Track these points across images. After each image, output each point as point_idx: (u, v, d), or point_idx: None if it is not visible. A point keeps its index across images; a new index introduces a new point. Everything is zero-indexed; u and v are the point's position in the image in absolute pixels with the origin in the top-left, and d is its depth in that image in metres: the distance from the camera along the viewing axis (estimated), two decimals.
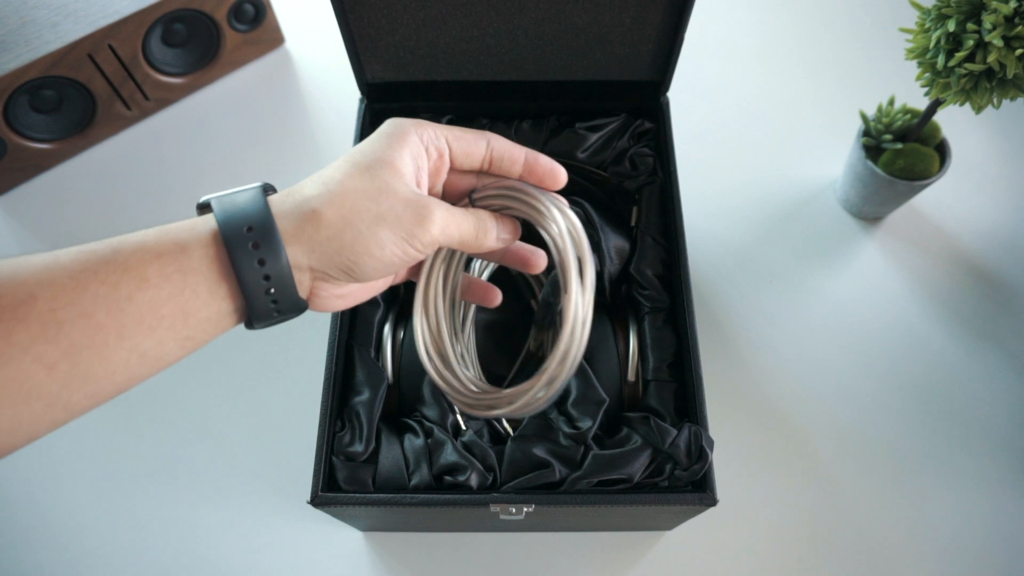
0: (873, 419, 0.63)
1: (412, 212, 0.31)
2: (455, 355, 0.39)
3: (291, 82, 0.84)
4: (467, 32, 0.56)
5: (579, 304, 0.34)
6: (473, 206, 0.37)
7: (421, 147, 0.33)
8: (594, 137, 0.61)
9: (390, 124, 0.33)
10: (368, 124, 0.61)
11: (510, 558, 0.57)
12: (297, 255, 0.29)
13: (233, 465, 0.61)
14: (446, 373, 0.39)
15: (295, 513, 0.58)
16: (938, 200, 0.74)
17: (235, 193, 0.30)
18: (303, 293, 0.31)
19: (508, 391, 0.36)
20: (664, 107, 0.61)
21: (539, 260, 0.41)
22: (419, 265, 0.39)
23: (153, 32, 0.73)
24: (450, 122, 0.62)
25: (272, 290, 0.29)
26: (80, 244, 0.29)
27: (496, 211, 0.37)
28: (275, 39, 0.85)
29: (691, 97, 0.78)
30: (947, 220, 0.73)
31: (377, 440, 0.48)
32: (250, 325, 0.31)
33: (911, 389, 0.64)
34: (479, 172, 0.37)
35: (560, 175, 0.37)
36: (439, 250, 0.39)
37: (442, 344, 0.39)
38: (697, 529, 0.57)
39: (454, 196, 0.38)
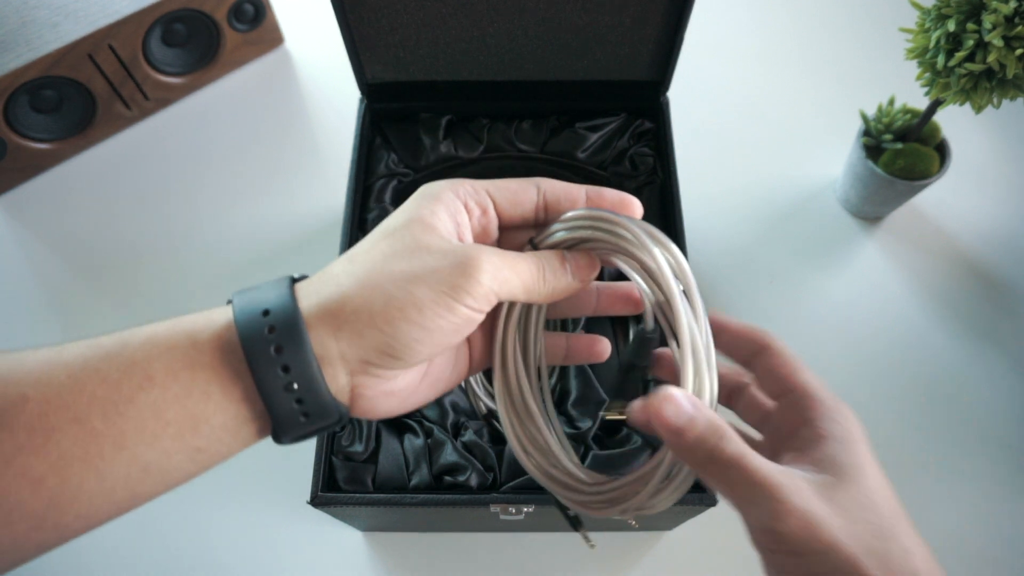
0: (872, 419, 0.62)
1: (453, 262, 0.25)
2: (555, 440, 0.32)
3: (291, 82, 0.84)
4: (467, 32, 0.56)
5: (701, 352, 0.27)
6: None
7: (459, 203, 0.28)
8: (594, 137, 0.61)
9: (423, 188, 0.29)
10: (368, 124, 0.61)
11: (510, 558, 0.57)
12: (324, 341, 0.25)
13: (233, 465, 0.60)
14: (552, 470, 0.31)
15: (295, 513, 0.58)
16: (938, 200, 0.74)
17: (259, 285, 0.26)
18: (340, 393, 0.26)
19: (627, 479, 0.29)
20: (664, 107, 0.61)
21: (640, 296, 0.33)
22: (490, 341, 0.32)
23: (153, 32, 0.73)
24: (450, 122, 0.62)
25: (295, 385, 0.24)
26: (80, 244, 0.26)
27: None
28: (275, 39, 0.85)
29: (691, 97, 0.78)
30: (947, 220, 0.73)
31: (377, 440, 0.49)
32: (277, 439, 0.26)
33: (911, 389, 0.64)
34: (536, 225, 0.31)
35: (635, 206, 0.30)
36: (507, 310, 0.31)
37: (536, 431, 0.31)
38: (697, 529, 0.57)
39: None
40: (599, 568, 0.57)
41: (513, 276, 0.27)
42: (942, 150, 0.66)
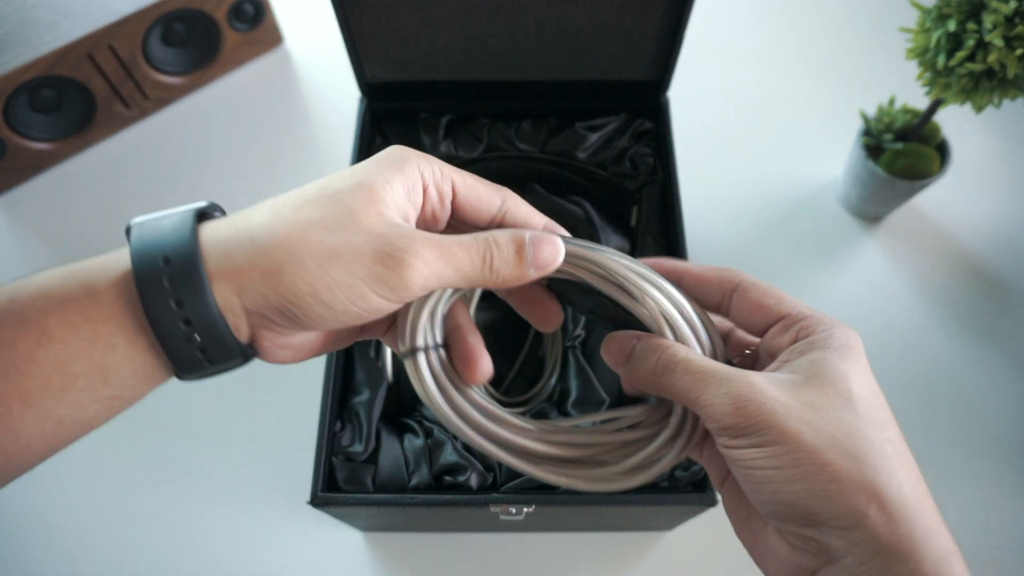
0: None
1: (379, 247, 0.24)
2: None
3: (291, 82, 0.84)
4: (467, 32, 0.56)
5: (676, 315, 0.28)
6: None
7: (419, 182, 0.26)
8: (594, 137, 0.61)
9: (390, 149, 0.27)
10: (368, 124, 0.61)
11: (510, 558, 0.57)
12: (227, 295, 0.23)
13: (233, 465, 0.61)
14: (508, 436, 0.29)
15: (295, 513, 0.58)
16: (938, 200, 0.74)
17: (161, 217, 0.25)
18: (243, 339, 0.25)
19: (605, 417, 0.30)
20: (664, 107, 0.61)
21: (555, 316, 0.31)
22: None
23: (153, 32, 0.73)
24: (450, 122, 0.62)
25: (197, 336, 0.23)
26: (80, 244, 0.26)
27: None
28: (274, 39, 0.85)
29: (691, 97, 0.78)
30: (947, 220, 0.73)
31: (377, 440, 0.48)
32: (181, 376, 0.25)
33: (911, 389, 0.64)
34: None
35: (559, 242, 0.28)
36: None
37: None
38: (697, 529, 0.57)
39: None
40: (599, 568, 0.57)
41: (448, 270, 0.25)
42: (942, 150, 0.66)
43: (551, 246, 0.27)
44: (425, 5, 0.53)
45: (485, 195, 0.28)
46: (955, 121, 0.71)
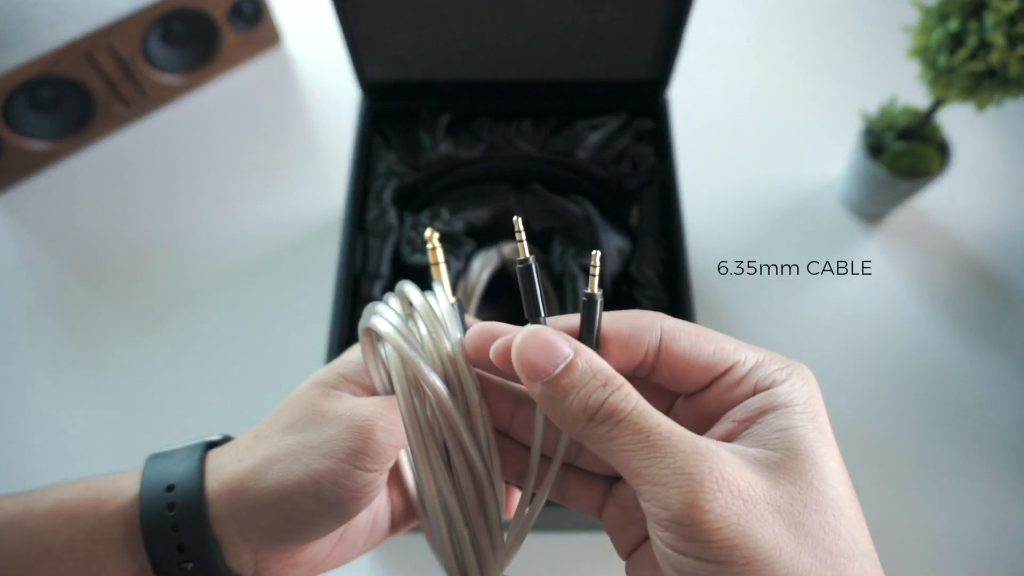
0: (873, 418, 0.62)
1: (348, 426, 0.25)
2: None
3: (290, 81, 0.84)
4: (467, 32, 0.56)
5: None
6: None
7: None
8: (594, 136, 0.61)
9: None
10: (368, 124, 0.61)
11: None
12: (223, 520, 0.24)
13: None
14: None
15: None
16: (939, 199, 0.73)
17: (175, 452, 0.26)
18: (243, 568, 0.25)
19: None
20: (665, 106, 0.61)
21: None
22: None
23: (152, 31, 0.73)
24: (450, 122, 0.62)
25: (189, 565, 0.24)
26: (78, 244, 0.26)
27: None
28: (274, 38, 0.85)
29: (692, 96, 0.78)
30: (949, 219, 0.73)
31: None
32: None
33: (911, 389, 0.64)
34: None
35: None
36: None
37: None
38: None
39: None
40: (599, 568, 0.57)
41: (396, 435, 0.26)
42: (943, 149, 0.66)
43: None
44: (425, 5, 0.53)
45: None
46: (956, 120, 0.71)
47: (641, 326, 0.22)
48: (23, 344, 0.66)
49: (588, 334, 0.22)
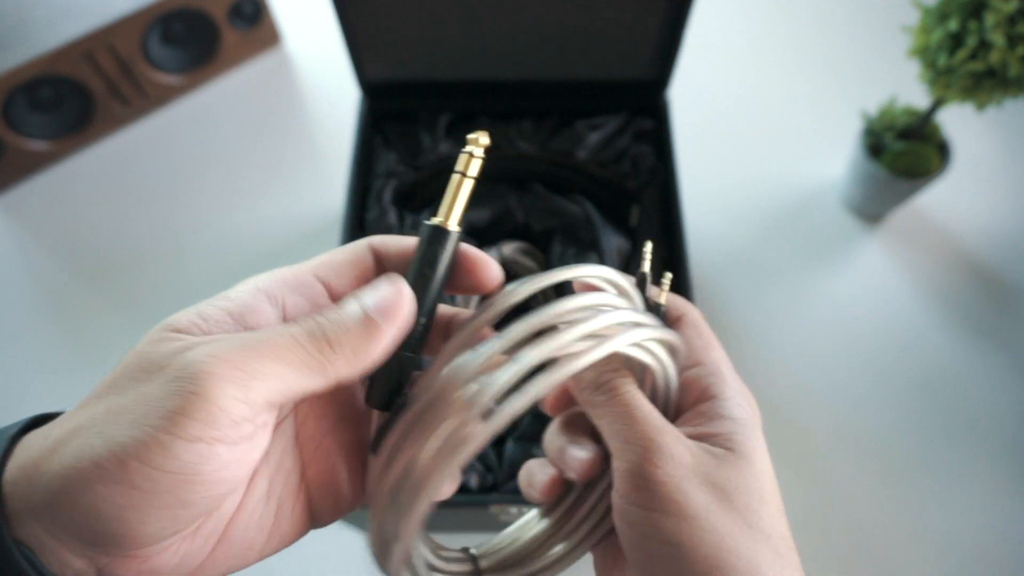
0: (873, 418, 0.62)
1: (171, 378, 0.18)
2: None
3: (290, 81, 0.84)
4: (467, 32, 0.56)
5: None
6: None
7: (259, 293, 0.23)
8: (595, 136, 0.61)
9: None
10: (368, 123, 0.61)
11: None
12: (26, 522, 0.17)
13: None
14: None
15: None
16: (939, 199, 0.73)
17: None
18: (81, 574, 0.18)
19: None
20: (665, 106, 0.61)
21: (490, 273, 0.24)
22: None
23: (152, 31, 0.73)
24: (450, 122, 0.62)
25: None
26: (78, 243, 0.22)
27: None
28: (274, 38, 0.85)
29: (692, 96, 0.78)
30: (948, 219, 0.73)
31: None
32: None
33: (911, 388, 0.64)
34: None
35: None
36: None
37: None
38: None
39: None
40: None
41: (279, 366, 0.19)
42: (943, 149, 0.66)
43: (388, 286, 0.21)
44: (425, 5, 0.53)
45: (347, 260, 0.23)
46: (956, 120, 0.71)
47: (672, 305, 0.27)
48: (23, 344, 0.66)
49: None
